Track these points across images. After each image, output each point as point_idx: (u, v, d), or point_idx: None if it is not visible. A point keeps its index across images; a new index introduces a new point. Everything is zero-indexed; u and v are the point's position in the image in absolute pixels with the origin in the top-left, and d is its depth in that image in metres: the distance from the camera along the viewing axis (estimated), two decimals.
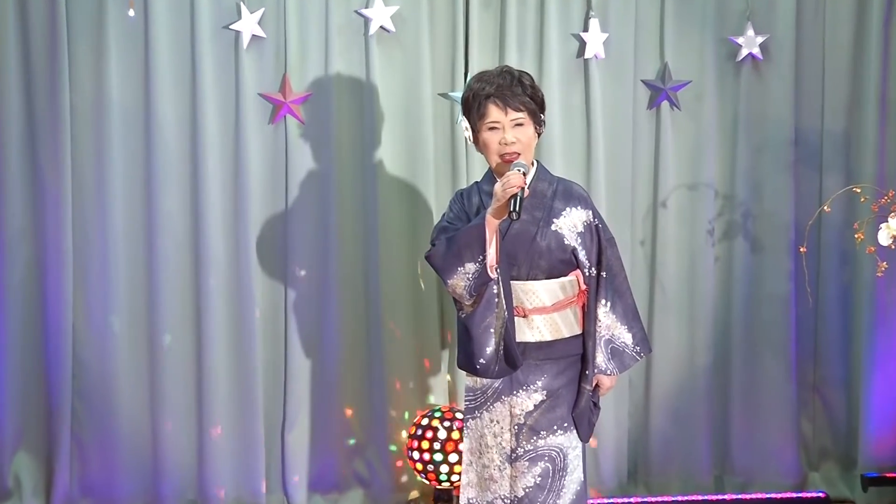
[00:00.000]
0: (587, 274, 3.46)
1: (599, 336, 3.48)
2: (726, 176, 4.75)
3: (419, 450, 4.41)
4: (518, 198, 3.17)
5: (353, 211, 4.55)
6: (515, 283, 3.39)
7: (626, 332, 3.51)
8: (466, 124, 3.45)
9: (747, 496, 4.73)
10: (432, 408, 4.56)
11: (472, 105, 3.39)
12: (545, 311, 3.41)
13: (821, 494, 4.76)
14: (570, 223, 3.42)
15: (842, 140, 4.77)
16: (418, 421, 4.48)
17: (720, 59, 4.71)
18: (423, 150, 4.53)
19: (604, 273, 3.47)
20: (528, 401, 3.41)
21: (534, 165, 3.48)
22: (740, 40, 4.68)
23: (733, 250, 4.76)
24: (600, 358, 3.48)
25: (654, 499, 4.72)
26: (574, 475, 3.45)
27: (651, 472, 4.79)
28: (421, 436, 4.42)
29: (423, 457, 4.40)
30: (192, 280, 4.44)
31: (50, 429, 4.42)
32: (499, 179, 3.28)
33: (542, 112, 3.43)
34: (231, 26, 4.38)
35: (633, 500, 4.72)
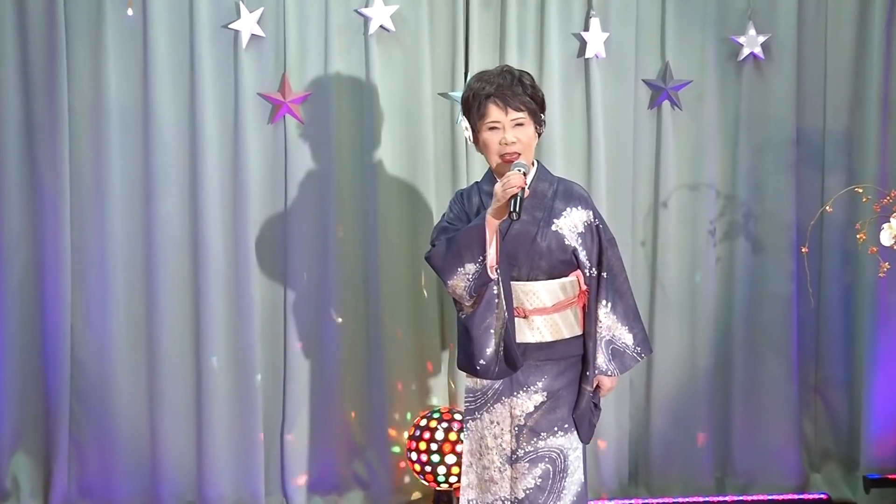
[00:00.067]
0: (588, 274, 3.45)
1: (600, 337, 3.47)
2: (727, 176, 4.75)
3: (417, 451, 4.40)
4: (518, 198, 3.17)
5: (353, 211, 4.54)
6: (516, 283, 3.39)
7: (627, 333, 3.51)
8: (466, 124, 3.44)
9: (749, 498, 4.72)
10: (432, 409, 4.55)
11: (472, 105, 3.38)
12: (545, 311, 3.40)
13: (823, 496, 4.75)
14: (570, 223, 3.41)
15: (844, 140, 4.77)
16: (417, 422, 4.48)
17: (721, 59, 4.71)
18: (423, 150, 4.53)
19: (604, 273, 3.47)
20: (528, 402, 3.40)
21: (534, 165, 3.47)
22: (742, 40, 4.67)
23: (735, 251, 4.75)
24: (601, 359, 3.47)
25: (654, 500, 4.72)
26: (574, 476, 3.44)
27: (652, 473, 4.78)
28: (419, 437, 4.41)
29: (420, 458, 4.40)
30: (191, 281, 4.43)
31: (48, 430, 4.41)
32: (499, 179, 3.28)
33: (542, 112, 3.42)
34: (230, 26, 4.38)
35: (633, 501, 4.71)
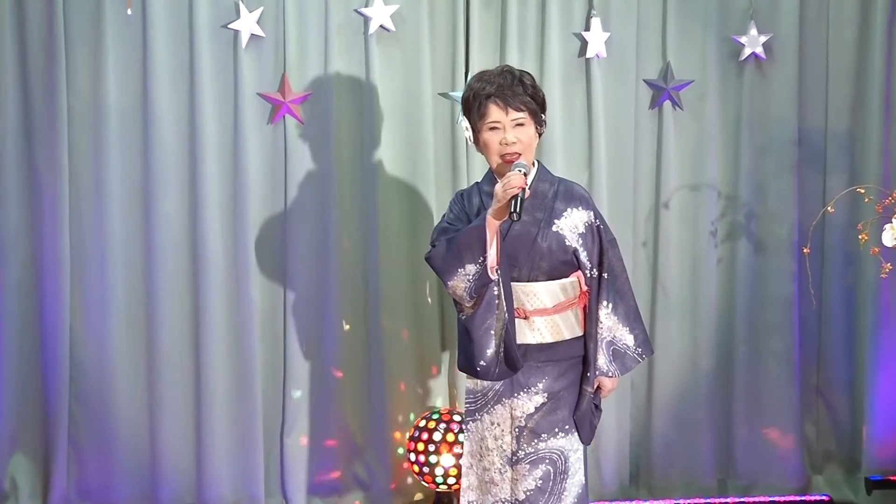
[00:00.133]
0: (588, 275, 3.44)
1: (601, 338, 3.46)
2: (729, 176, 4.74)
3: (415, 451, 4.40)
4: (519, 198, 3.16)
5: (353, 211, 4.54)
6: (516, 284, 3.38)
7: (628, 334, 3.50)
8: (467, 124, 3.44)
9: (750, 499, 4.72)
10: (431, 410, 4.54)
11: (472, 105, 3.37)
12: (546, 312, 3.39)
13: (825, 498, 4.75)
14: (571, 224, 3.40)
15: (846, 140, 4.76)
16: (417, 423, 4.47)
17: (723, 59, 4.70)
18: (423, 151, 4.52)
19: (605, 274, 3.46)
20: (528, 403, 3.39)
21: (535, 166, 3.46)
22: (743, 39, 4.66)
23: (736, 251, 4.74)
24: (602, 360, 3.46)
25: (656, 502, 4.71)
26: (575, 478, 3.43)
27: (653, 475, 4.77)
28: (417, 438, 4.41)
29: (418, 459, 4.39)
30: (191, 281, 4.43)
31: (47, 431, 4.40)
32: (499, 180, 3.27)
33: (543, 112, 3.42)
34: (229, 25, 4.37)
35: (634, 503, 4.70)
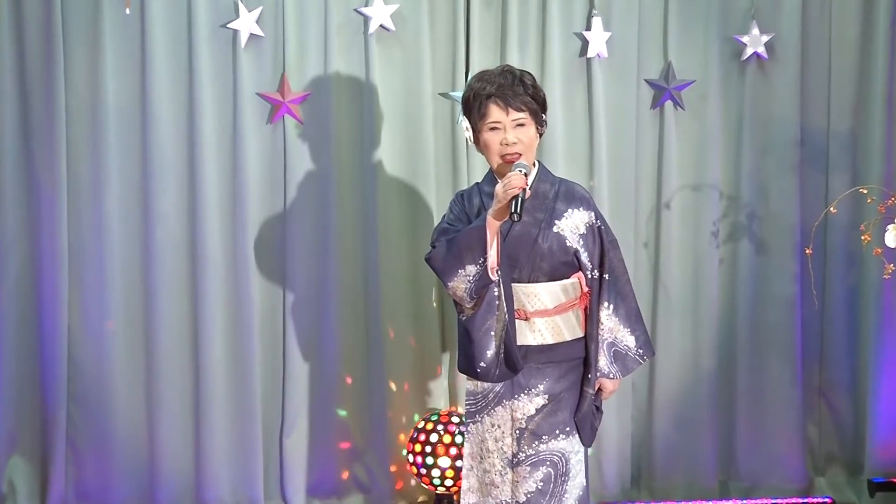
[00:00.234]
0: (589, 276, 3.44)
1: (602, 339, 3.45)
2: (731, 177, 4.73)
3: (413, 453, 4.40)
4: (519, 199, 3.15)
5: (353, 212, 4.53)
6: (517, 285, 3.37)
7: (629, 335, 3.49)
8: (467, 124, 3.43)
9: (753, 501, 4.70)
10: (431, 412, 4.54)
11: (472, 105, 3.37)
12: (547, 313, 3.39)
13: (827, 500, 4.74)
14: (572, 225, 3.40)
15: (848, 140, 4.75)
16: (416, 424, 4.47)
17: (725, 59, 4.69)
18: (424, 151, 4.52)
19: (606, 275, 3.45)
20: (529, 405, 3.38)
21: (535, 166, 3.45)
22: (745, 39, 4.65)
23: (738, 252, 4.73)
24: (603, 361, 3.46)
25: None
26: (576, 480, 3.43)
27: (655, 476, 4.76)
28: (416, 439, 4.40)
29: (416, 460, 4.39)
30: (189, 282, 4.42)
31: (45, 432, 4.40)
32: (500, 180, 3.26)
33: (543, 112, 3.41)
34: (228, 25, 4.37)
35: None
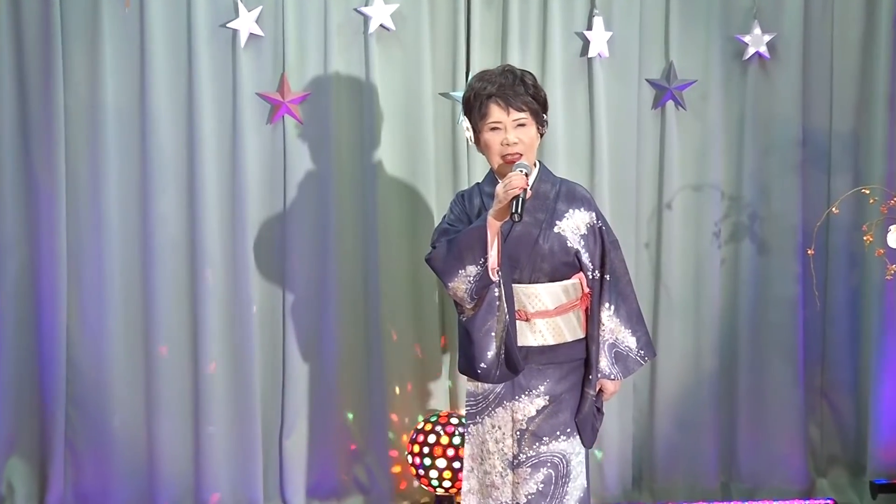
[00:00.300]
0: (591, 277, 3.43)
1: (603, 340, 3.45)
2: (732, 177, 4.72)
3: (412, 454, 4.39)
4: (520, 199, 3.15)
5: (353, 212, 4.52)
6: (517, 286, 3.36)
7: (630, 336, 3.48)
8: (467, 124, 3.42)
9: (754, 503, 4.69)
10: (431, 413, 4.53)
11: (473, 105, 3.36)
12: (548, 314, 3.38)
13: (829, 501, 4.73)
14: (573, 225, 3.38)
15: (850, 140, 4.74)
16: (416, 426, 4.46)
17: (726, 58, 4.68)
18: (424, 151, 4.51)
19: (607, 276, 3.44)
20: (530, 406, 3.37)
21: (536, 166, 3.44)
22: (747, 39, 4.64)
23: (740, 253, 4.73)
24: (604, 362, 3.44)
25: None
26: (577, 482, 3.41)
27: (656, 478, 4.75)
28: (414, 440, 4.41)
29: (414, 461, 4.39)
30: (189, 283, 4.42)
31: (43, 434, 4.40)
32: (500, 180, 3.25)
33: (544, 112, 3.40)
34: (228, 25, 4.37)
35: None
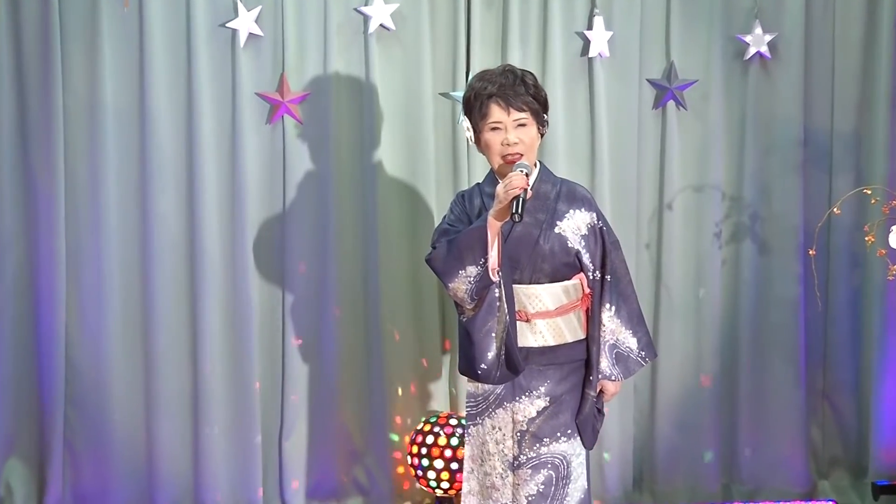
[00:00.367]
0: (591, 277, 3.42)
1: (604, 341, 3.44)
2: (733, 177, 4.72)
3: (412, 455, 4.39)
4: (520, 199, 3.14)
5: (353, 213, 4.52)
6: (518, 286, 3.35)
7: (631, 337, 3.47)
8: (468, 124, 3.42)
9: None
10: (431, 414, 4.53)
11: (473, 105, 3.35)
12: (548, 315, 3.37)
13: (831, 503, 4.71)
14: (573, 226, 3.38)
15: (852, 140, 4.73)
16: (415, 427, 4.45)
17: (727, 58, 4.68)
18: (424, 151, 4.51)
19: (608, 277, 3.43)
20: (530, 407, 3.37)
21: (536, 166, 3.44)
22: (748, 38, 4.63)
23: (741, 253, 4.72)
24: (605, 363, 3.44)
25: None
26: (578, 483, 3.41)
27: (657, 479, 4.74)
28: (413, 441, 4.41)
29: (413, 462, 4.39)
30: (188, 283, 4.41)
31: (42, 435, 4.39)
32: (501, 181, 3.24)
33: (545, 112, 3.39)
34: (227, 24, 4.36)
35: None
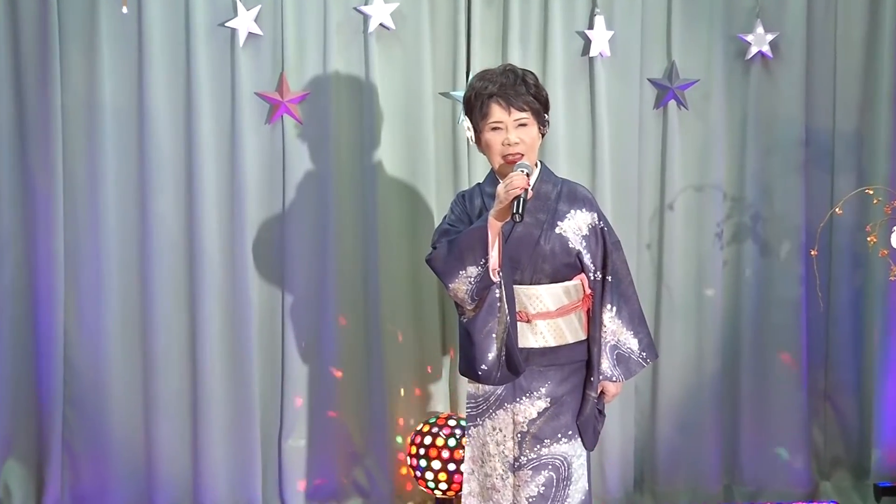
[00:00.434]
0: (592, 278, 3.41)
1: (605, 342, 3.43)
2: (735, 177, 4.71)
3: (411, 455, 4.39)
4: (521, 200, 3.14)
5: (352, 213, 4.51)
6: (519, 287, 3.34)
7: (632, 338, 3.47)
8: (468, 124, 3.42)
9: None
10: (431, 415, 4.52)
11: (474, 104, 3.35)
12: (549, 315, 3.36)
13: None
14: (574, 226, 3.37)
15: (854, 140, 4.73)
16: (415, 428, 4.45)
17: (729, 58, 4.67)
18: (424, 151, 4.50)
19: (609, 277, 3.43)
20: (531, 408, 3.36)
21: (537, 166, 3.43)
22: (749, 38, 4.63)
23: (742, 254, 4.72)
24: (605, 364, 3.43)
25: None
26: (578, 484, 3.40)
27: (658, 481, 4.74)
28: (413, 442, 4.41)
29: (412, 463, 4.39)
30: (187, 283, 4.41)
31: (41, 436, 4.38)
32: (501, 181, 3.24)
33: (546, 112, 3.39)
34: (227, 24, 4.36)
35: None
